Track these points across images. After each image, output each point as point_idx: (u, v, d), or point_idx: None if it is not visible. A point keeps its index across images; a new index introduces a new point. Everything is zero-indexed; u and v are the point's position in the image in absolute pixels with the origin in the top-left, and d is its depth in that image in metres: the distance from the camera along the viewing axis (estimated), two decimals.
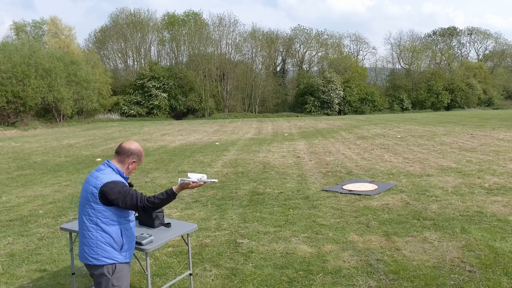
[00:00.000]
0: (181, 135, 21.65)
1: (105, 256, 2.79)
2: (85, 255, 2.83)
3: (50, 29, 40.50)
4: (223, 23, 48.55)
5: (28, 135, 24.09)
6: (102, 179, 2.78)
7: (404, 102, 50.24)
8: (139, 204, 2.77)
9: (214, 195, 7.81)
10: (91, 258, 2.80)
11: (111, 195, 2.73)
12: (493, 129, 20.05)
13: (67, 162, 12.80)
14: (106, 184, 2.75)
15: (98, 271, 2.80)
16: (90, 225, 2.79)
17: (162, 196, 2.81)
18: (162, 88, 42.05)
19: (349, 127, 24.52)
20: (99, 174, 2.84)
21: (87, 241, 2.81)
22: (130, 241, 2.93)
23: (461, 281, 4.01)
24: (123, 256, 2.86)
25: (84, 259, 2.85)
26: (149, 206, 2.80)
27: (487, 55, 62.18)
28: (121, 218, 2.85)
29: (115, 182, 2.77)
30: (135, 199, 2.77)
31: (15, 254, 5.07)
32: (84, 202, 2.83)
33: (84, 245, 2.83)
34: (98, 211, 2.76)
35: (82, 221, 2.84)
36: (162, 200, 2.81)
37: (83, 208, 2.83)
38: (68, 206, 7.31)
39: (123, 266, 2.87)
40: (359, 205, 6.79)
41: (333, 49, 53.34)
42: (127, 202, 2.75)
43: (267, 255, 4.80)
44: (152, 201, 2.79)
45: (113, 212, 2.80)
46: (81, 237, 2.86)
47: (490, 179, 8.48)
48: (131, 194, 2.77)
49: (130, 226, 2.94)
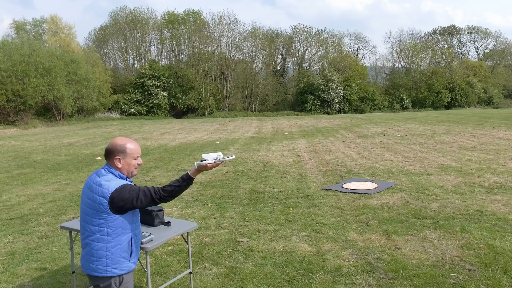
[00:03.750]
0: (181, 134, 21.65)
1: (115, 267, 2.61)
2: (91, 266, 2.62)
3: (50, 28, 40.54)
4: (223, 22, 48.64)
5: (28, 134, 24.09)
6: (109, 186, 2.57)
7: (404, 101, 50.26)
8: (155, 197, 2.59)
9: (214, 194, 7.81)
10: (99, 269, 2.60)
11: (122, 200, 2.55)
12: (493, 128, 20.05)
13: (67, 160, 12.81)
14: (114, 191, 2.55)
15: (105, 283, 2.62)
16: (99, 236, 2.58)
17: (178, 182, 2.62)
18: (162, 86, 42.08)
19: (349, 126, 24.52)
20: (103, 182, 2.61)
21: (96, 252, 2.59)
22: (137, 246, 2.78)
23: (460, 279, 4.01)
24: (132, 263, 2.71)
25: (89, 270, 2.64)
26: (166, 196, 2.61)
27: (487, 54, 62.14)
28: (132, 224, 2.69)
29: (122, 186, 2.58)
30: (149, 193, 2.59)
31: (15, 252, 5.08)
32: (90, 212, 2.60)
33: (91, 256, 2.61)
34: (109, 221, 2.57)
35: (88, 231, 2.62)
36: (179, 187, 2.62)
37: (89, 218, 2.61)
38: (68, 204, 7.32)
39: (129, 276, 2.72)
40: (359, 204, 6.80)
41: (333, 48, 53.35)
42: (142, 199, 2.58)
43: (267, 253, 4.80)
44: (168, 190, 2.61)
45: (125, 218, 2.62)
46: (87, 248, 2.64)
47: (490, 178, 8.48)
48: (143, 191, 2.59)
49: (139, 230, 2.80)
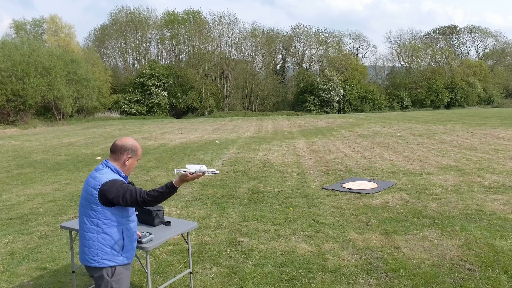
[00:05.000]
0: (181, 134, 21.64)
1: (105, 258, 2.75)
2: (85, 256, 2.79)
3: (50, 28, 40.51)
4: (222, 22, 48.59)
5: (28, 134, 24.09)
6: (101, 179, 2.74)
7: (404, 101, 50.24)
8: (139, 199, 2.71)
9: (214, 194, 7.81)
10: (91, 260, 2.77)
11: (110, 194, 2.69)
12: (493, 128, 20.05)
13: (67, 160, 12.81)
14: (104, 184, 2.70)
15: (98, 273, 2.78)
16: (91, 227, 2.75)
17: (162, 189, 2.74)
18: (162, 86, 42.06)
19: (349, 126, 24.52)
20: (98, 174, 2.79)
21: (87, 242, 2.77)
22: (131, 241, 2.89)
23: (460, 279, 4.01)
24: (124, 257, 2.83)
25: (84, 261, 2.82)
26: (149, 200, 2.73)
27: (487, 54, 62.11)
28: (122, 219, 2.81)
29: (113, 181, 2.73)
30: (135, 194, 2.71)
31: (15, 252, 5.08)
32: (84, 203, 2.79)
33: (84, 246, 2.79)
34: (98, 212, 2.73)
35: (82, 222, 2.80)
36: (162, 194, 2.73)
37: (83, 209, 2.80)
38: (68, 204, 7.32)
39: (123, 268, 2.84)
40: (359, 204, 6.80)
41: (333, 48, 53.29)
42: (127, 198, 2.70)
43: (267, 253, 4.81)
44: (152, 194, 2.73)
45: (114, 212, 2.76)
46: (82, 238, 2.82)
47: (490, 178, 8.48)
48: (130, 190, 2.72)
49: (131, 226, 2.90)
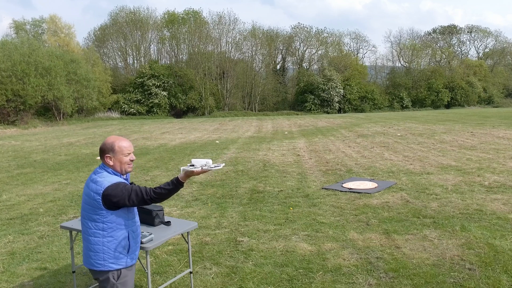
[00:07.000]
0: (181, 134, 21.65)
1: (111, 262, 2.74)
2: (91, 260, 2.77)
3: (50, 28, 40.52)
4: (222, 21, 48.62)
5: (28, 134, 24.09)
6: (102, 183, 2.69)
7: (404, 100, 50.26)
8: (146, 197, 2.69)
9: (214, 193, 7.81)
10: (96, 264, 2.74)
11: (114, 197, 2.65)
12: (493, 127, 20.05)
13: (67, 160, 12.81)
14: (107, 188, 2.66)
15: (103, 277, 2.76)
16: (95, 231, 2.72)
17: (169, 186, 2.71)
18: (162, 86, 42.07)
19: (349, 125, 24.52)
20: (98, 178, 2.74)
21: (92, 246, 2.74)
22: (136, 242, 2.88)
23: (460, 279, 4.01)
24: (129, 258, 2.82)
25: (89, 265, 2.79)
26: (156, 198, 2.70)
27: (487, 53, 62.11)
28: (128, 221, 2.80)
29: (115, 184, 2.69)
30: (140, 193, 2.69)
31: (15, 252, 5.08)
32: (87, 208, 2.75)
33: (89, 250, 2.77)
34: (103, 216, 2.69)
35: (87, 227, 2.76)
36: (169, 190, 2.71)
37: (87, 214, 2.75)
38: (69, 204, 7.32)
39: (128, 270, 2.83)
40: (359, 203, 6.80)
41: (333, 47, 53.31)
42: (133, 199, 2.68)
43: (267, 253, 4.81)
44: (159, 192, 2.70)
45: (119, 215, 2.73)
46: (86, 242, 2.80)
47: (490, 177, 8.48)
48: (135, 190, 2.70)
49: (136, 227, 2.89)
